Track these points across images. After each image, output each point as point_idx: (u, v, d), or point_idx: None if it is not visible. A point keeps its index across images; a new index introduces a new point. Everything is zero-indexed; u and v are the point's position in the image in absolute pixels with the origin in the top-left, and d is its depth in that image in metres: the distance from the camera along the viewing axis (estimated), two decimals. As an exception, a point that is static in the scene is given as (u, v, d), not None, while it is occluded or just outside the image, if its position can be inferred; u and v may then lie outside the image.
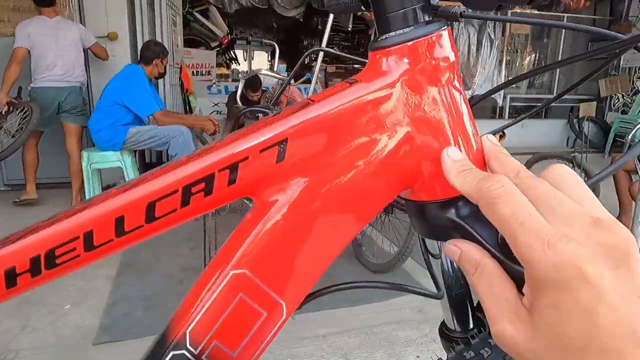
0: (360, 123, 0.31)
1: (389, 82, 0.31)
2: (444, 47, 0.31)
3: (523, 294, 0.24)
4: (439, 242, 0.48)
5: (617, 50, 0.36)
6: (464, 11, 0.54)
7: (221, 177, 0.29)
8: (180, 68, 4.54)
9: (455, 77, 0.32)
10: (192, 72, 5.51)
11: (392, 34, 0.31)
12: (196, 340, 0.31)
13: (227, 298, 0.31)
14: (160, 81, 3.89)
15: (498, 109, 6.44)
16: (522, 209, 0.23)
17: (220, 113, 5.40)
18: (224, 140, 0.30)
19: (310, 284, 0.33)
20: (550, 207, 0.23)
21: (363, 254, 2.55)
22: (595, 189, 2.26)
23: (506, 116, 6.43)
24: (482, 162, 0.32)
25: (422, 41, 0.30)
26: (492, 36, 6.08)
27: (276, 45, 3.45)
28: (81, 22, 3.83)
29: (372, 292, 2.24)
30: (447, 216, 0.33)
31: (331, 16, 2.34)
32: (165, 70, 3.47)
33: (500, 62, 6.22)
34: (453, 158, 0.29)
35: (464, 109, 0.32)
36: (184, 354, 0.31)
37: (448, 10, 0.53)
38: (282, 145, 0.30)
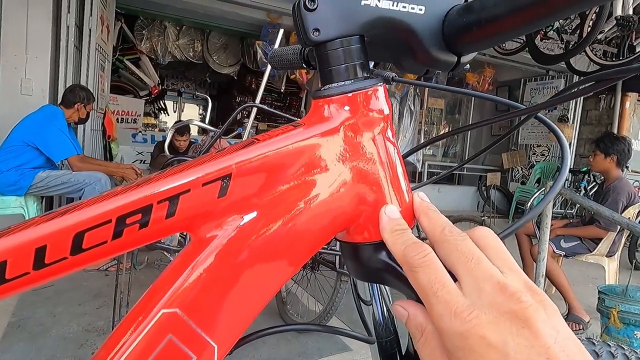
0: (301, 165, 0.32)
1: (330, 128, 0.33)
2: (380, 100, 0.34)
3: None
4: (370, 288, 0.49)
5: (520, 118, 0.42)
6: (395, 76, 0.60)
7: (160, 209, 0.28)
8: (104, 113, 4.35)
9: (390, 129, 0.36)
10: (118, 119, 5.29)
11: (335, 85, 0.34)
12: (114, 389, 0.28)
13: (154, 340, 0.29)
14: (81, 126, 3.68)
15: (417, 174, 6.92)
16: (437, 280, 0.25)
17: (143, 162, 5.18)
18: (164, 173, 0.30)
19: (244, 325, 0.32)
20: (468, 269, 0.25)
21: (287, 313, 2.48)
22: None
23: (425, 178, 6.92)
24: (412, 215, 0.35)
25: (361, 93, 0.34)
26: (412, 108, 6.67)
27: (209, 99, 3.47)
28: (-4, 58, 3.58)
29: (301, 355, 2.16)
30: (380, 258, 0.35)
31: (266, 75, 2.43)
32: (87, 116, 3.30)
33: (419, 131, 6.80)
34: (390, 216, 0.31)
35: (398, 161, 0.35)
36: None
37: (381, 74, 0.59)
38: (225, 181, 0.30)
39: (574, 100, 6.60)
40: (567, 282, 2.77)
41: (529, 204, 3.64)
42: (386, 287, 0.49)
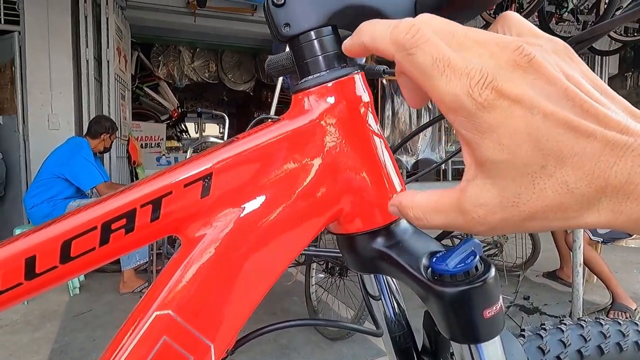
0: (283, 157, 0.32)
1: (310, 120, 0.33)
2: (359, 88, 0.34)
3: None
4: (377, 282, 0.48)
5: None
6: (386, 69, 0.59)
7: (143, 213, 0.29)
8: (128, 140, 4.50)
9: (371, 116, 0.35)
10: (142, 144, 5.46)
11: (311, 77, 0.34)
12: (114, 393, 0.28)
13: (149, 342, 0.29)
14: (107, 154, 3.81)
15: (441, 172, 6.80)
16: (441, 56, 0.21)
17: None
18: (147, 177, 0.30)
19: (240, 323, 0.32)
20: (459, 43, 0.21)
21: (319, 321, 2.47)
22: (536, 245, 2.34)
23: (449, 178, 6.80)
24: None
25: (338, 82, 0.33)
26: (430, 106, 6.59)
27: (226, 116, 3.54)
28: (23, 95, 3.76)
29: (330, 361, 2.15)
30: (374, 247, 0.34)
31: (278, 87, 2.46)
32: (111, 145, 3.43)
33: (439, 128, 6.70)
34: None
35: (383, 148, 0.35)
36: (99, 411, 0.28)
37: (372, 69, 0.58)
38: (206, 180, 0.30)
39: (599, 82, 6.38)
40: (609, 269, 2.64)
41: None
42: (394, 280, 0.48)
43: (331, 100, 0.33)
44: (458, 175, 7.28)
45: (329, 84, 0.33)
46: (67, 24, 3.81)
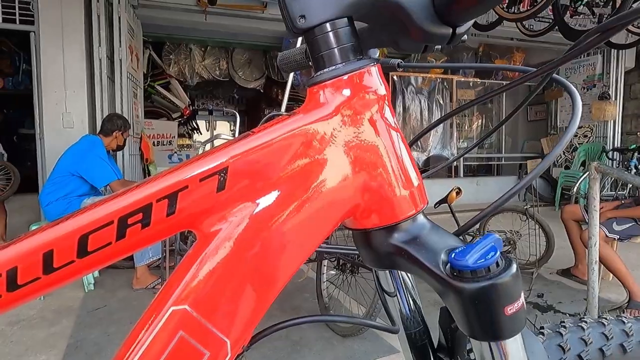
0: (298, 152, 0.32)
1: (326, 113, 0.33)
2: (375, 81, 0.34)
3: None
4: (392, 278, 0.48)
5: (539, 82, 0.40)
6: (401, 62, 0.59)
7: (159, 208, 0.29)
8: (141, 138, 4.54)
9: (388, 109, 0.35)
10: (154, 142, 5.51)
11: (327, 69, 0.33)
12: (131, 387, 0.28)
13: (166, 337, 0.29)
14: (120, 152, 3.85)
15: (453, 168, 6.75)
16: None
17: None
18: (163, 172, 0.30)
19: (256, 318, 0.31)
20: None
21: (331, 318, 2.47)
22: (550, 242, 2.30)
23: (461, 174, 6.74)
24: (423, 198, 0.34)
25: (354, 75, 0.33)
26: (441, 102, 6.53)
27: (237, 113, 3.55)
28: (38, 94, 3.82)
29: None
30: (391, 242, 0.34)
31: (289, 84, 2.46)
32: (124, 143, 3.46)
33: (451, 125, 6.64)
34: None
35: (399, 141, 0.34)
36: (116, 405, 0.28)
37: (387, 62, 0.58)
38: (222, 174, 0.30)
39: (615, 76, 6.26)
40: (625, 267, 2.60)
41: (575, 188, 3.46)
42: (409, 276, 0.48)
43: (347, 93, 0.33)
44: (469, 172, 7.20)
45: (345, 77, 0.33)
46: (80, 23, 3.85)
